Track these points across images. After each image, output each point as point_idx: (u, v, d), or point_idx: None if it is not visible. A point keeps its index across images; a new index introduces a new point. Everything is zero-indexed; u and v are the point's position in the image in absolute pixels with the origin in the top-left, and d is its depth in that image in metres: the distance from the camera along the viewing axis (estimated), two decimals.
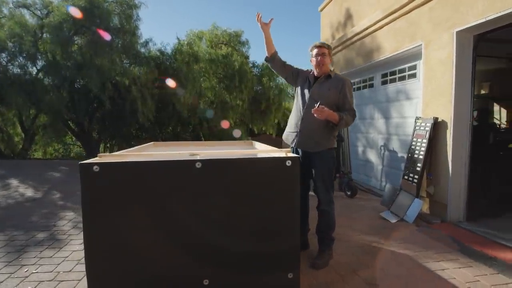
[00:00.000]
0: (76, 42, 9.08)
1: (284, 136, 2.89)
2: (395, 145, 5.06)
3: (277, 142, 4.54)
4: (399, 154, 4.94)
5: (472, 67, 3.57)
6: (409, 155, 4.14)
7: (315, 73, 2.77)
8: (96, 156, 1.98)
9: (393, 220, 3.79)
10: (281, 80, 14.43)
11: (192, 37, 13.16)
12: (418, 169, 3.88)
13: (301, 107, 2.72)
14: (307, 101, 2.69)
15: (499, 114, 7.40)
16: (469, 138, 3.62)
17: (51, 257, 2.80)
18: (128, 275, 1.82)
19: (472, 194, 3.70)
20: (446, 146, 3.69)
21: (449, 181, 3.65)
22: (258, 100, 13.25)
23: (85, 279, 2.39)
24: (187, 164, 1.83)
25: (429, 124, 3.85)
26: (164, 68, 10.07)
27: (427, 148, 3.82)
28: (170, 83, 9.52)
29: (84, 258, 1.80)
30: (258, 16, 2.71)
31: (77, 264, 2.67)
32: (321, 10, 7.77)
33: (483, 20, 3.17)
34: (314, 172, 2.64)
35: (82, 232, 1.79)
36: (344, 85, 2.63)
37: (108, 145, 11.95)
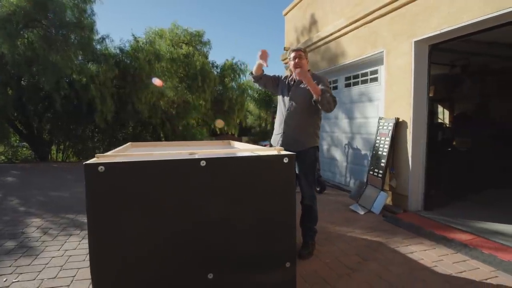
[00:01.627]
0: (26, 36, 8.38)
1: (272, 140, 3.05)
2: (358, 143, 5.47)
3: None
4: (363, 152, 5.35)
5: (428, 73, 4.02)
6: (374, 152, 4.52)
7: (294, 75, 2.97)
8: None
9: (362, 212, 4.13)
10: (243, 80, 14.65)
11: (151, 35, 12.81)
12: (383, 164, 4.27)
13: (283, 110, 2.90)
14: (287, 104, 2.88)
15: (443, 115, 8.30)
16: (425, 136, 4.08)
17: (29, 265, 2.65)
18: (135, 275, 1.83)
19: (427, 187, 4.16)
20: (406, 143, 4.10)
21: (409, 175, 4.07)
22: (221, 100, 13.29)
23: (74, 283, 2.34)
24: (193, 163, 1.89)
25: (391, 124, 4.25)
26: (124, 67, 9.69)
27: (390, 146, 4.22)
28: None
29: (89, 261, 1.77)
30: (262, 54, 2.84)
31: (60, 270, 2.56)
32: (286, 14, 8.07)
33: (438, 32, 3.60)
34: (297, 169, 2.82)
35: (88, 236, 1.77)
36: (320, 82, 2.76)
37: (61, 146, 11.16)
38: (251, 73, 3.05)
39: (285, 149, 2.83)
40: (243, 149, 3.03)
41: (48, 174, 7.37)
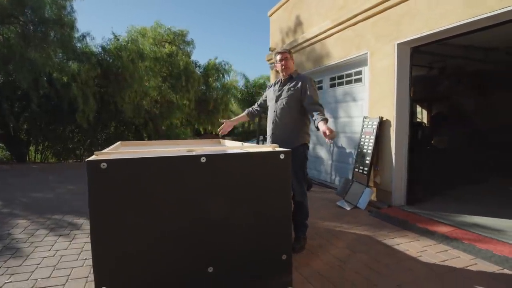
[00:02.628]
0: (2, 32, 8.07)
1: (266, 141, 3.15)
2: (343, 142, 5.64)
3: None
4: (347, 150, 5.52)
5: (410, 74, 4.22)
6: (359, 150, 4.69)
7: (282, 77, 3.08)
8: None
9: (348, 208, 4.28)
10: (227, 80, 14.67)
11: (133, 34, 12.62)
12: (367, 162, 4.43)
13: (272, 112, 3.01)
14: (275, 105, 2.99)
15: (421, 114, 8.66)
16: (408, 134, 4.27)
17: (20, 265, 2.60)
18: (136, 268, 1.86)
19: (409, 183, 4.36)
20: (390, 141, 4.29)
21: (392, 171, 4.25)
22: (205, 100, 13.27)
23: (69, 282, 2.33)
24: (193, 159, 1.94)
25: (375, 123, 4.42)
26: (107, 65, 9.50)
27: (374, 144, 4.39)
28: None
29: (92, 259, 1.78)
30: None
31: (53, 269, 2.54)
32: (271, 15, 8.18)
33: (419, 35, 3.80)
34: None
35: (90, 231, 1.78)
36: (304, 82, 2.87)
37: (39, 147, 10.79)
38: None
39: None
40: (235, 146, 3.09)
41: (28, 176, 7.14)
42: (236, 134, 25.80)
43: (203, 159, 1.94)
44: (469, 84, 7.59)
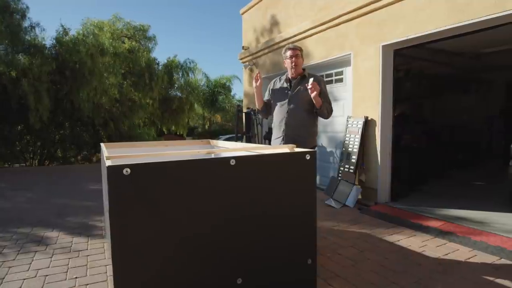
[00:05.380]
0: None
1: (272, 144, 3.02)
2: (324, 141, 5.72)
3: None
4: (328, 149, 5.60)
5: (393, 75, 4.38)
6: (344, 149, 4.77)
7: (290, 75, 2.99)
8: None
9: (338, 206, 4.33)
10: (192, 79, 14.22)
11: (89, 27, 11.68)
12: (353, 160, 4.53)
13: (283, 112, 2.90)
14: (286, 105, 2.89)
15: None
16: (391, 133, 4.44)
17: (3, 279, 2.21)
18: (162, 280, 1.66)
19: (393, 180, 4.54)
20: (375, 140, 4.42)
21: (378, 169, 4.39)
22: (170, 99, 12.74)
23: None
24: (224, 162, 1.78)
25: (361, 122, 4.53)
26: (63, 60, 8.67)
27: (360, 142, 4.49)
28: None
29: (112, 268, 1.54)
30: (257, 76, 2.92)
31: (43, 285, 2.20)
32: (243, 13, 8.06)
33: (405, 38, 3.95)
34: None
35: (111, 241, 1.54)
36: (320, 83, 2.89)
37: None
38: (258, 110, 3.11)
39: None
40: (241, 148, 2.94)
41: None
42: (196, 134, 25.24)
43: (232, 162, 1.79)
44: (431, 86, 8.16)
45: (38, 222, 3.77)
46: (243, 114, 7.71)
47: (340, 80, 5.27)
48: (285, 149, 2.31)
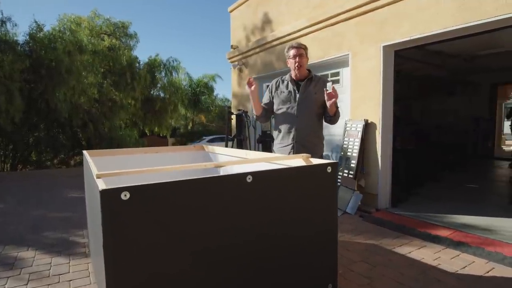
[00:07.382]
0: None
1: (276, 151, 2.75)
2: None
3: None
4: (324, 153, 5.40)
5: (393, 76, 4.23)
6: (342, 153, 4.59)
7: (293, 75, 2.76)
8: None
9: (338, 214, 4.12)
10: (175, 78, 13.77)
11: (66, 23, 11.05)
12: (353, 165, 4.35)
13: (294, 117, 2.64)
14: (296, 112, 2.65)
15: None
16: (392, 136, 4.29)
17: None
18: None
19: (392, 184, 4.39)
20: (375, 144, 4.25)
21: (378, 174, 4.23)
22: (152, 99, 12.25)
23: None
24: (239, 178, 1.51)
25: (360, 125, 4.35)
26: (38, 57, 8.07)
27: (360, 146, 4.32)
28: None
29: None
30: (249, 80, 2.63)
31: None
32: (231, 11, 7.77)
33: (408, 38, 3.80)
34: None
35: (105, 275, 1.24)
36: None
37: None
38: (257, 117, 2.81)
39: None
40: (255, 159, 2.62)
41: None
42: (178, 135, 24.67)
43: (249, 178, 1.52)
44: (422, 87, 8.16)
45: (10, 239, 3.36)
46: (234, 116, 7.41)
47: (337, 82, 5.09)
48: (299, 159, 2.07)
